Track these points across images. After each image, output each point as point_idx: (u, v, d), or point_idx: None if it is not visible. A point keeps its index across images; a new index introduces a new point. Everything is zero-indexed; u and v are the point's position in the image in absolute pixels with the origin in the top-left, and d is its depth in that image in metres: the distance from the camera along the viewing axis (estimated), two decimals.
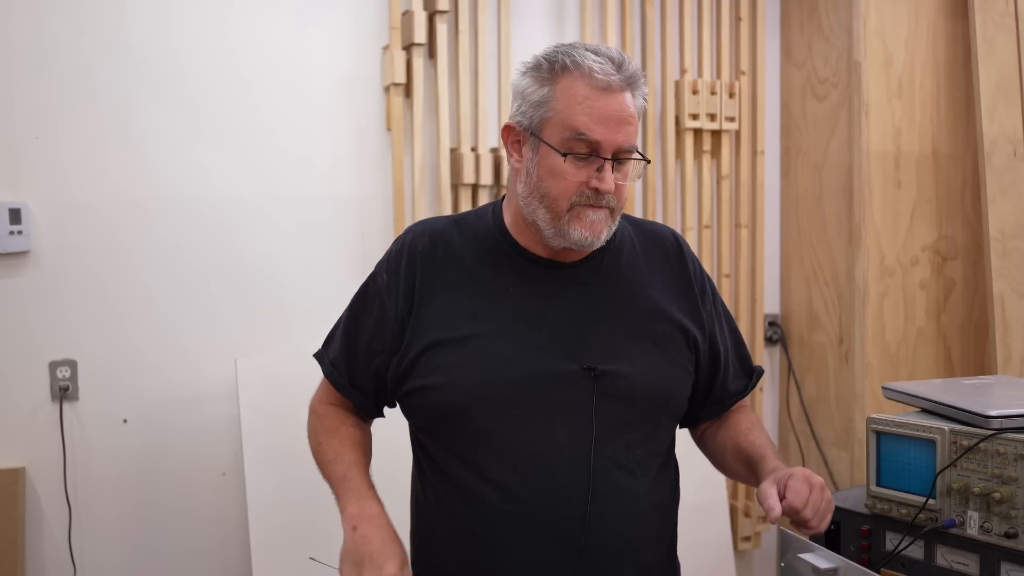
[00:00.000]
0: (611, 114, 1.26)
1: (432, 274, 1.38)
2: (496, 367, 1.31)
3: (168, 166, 2.37)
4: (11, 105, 2.24)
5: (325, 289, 2.52)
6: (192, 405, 2.41)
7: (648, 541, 1.38)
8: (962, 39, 2.81)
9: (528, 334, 1.33)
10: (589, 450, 1.30)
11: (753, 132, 2.99)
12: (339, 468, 1.39)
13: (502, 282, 1.37)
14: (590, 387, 1.32)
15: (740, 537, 2.95)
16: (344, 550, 1.28)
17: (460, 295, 1.36)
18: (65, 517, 2.30)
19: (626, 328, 1.37)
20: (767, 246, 3.07)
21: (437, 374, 1.33)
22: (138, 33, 2.34)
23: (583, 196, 1.29)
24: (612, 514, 1.31)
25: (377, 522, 1.29)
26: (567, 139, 1.27)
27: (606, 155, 1.27)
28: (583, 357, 1.33)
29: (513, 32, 2.66)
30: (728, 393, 1.51)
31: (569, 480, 1.29)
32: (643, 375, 1.35)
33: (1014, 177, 2.67)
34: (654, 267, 1.44)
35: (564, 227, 1.30)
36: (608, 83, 1.26)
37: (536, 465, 1.29)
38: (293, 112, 2.48)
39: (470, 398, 1.31)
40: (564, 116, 1.27)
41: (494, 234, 1.40)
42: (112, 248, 2.33)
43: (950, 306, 2.86)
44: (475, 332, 1.33)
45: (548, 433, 1.30)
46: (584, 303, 1.37)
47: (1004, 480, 1.42)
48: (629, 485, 1.34)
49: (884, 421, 1.60)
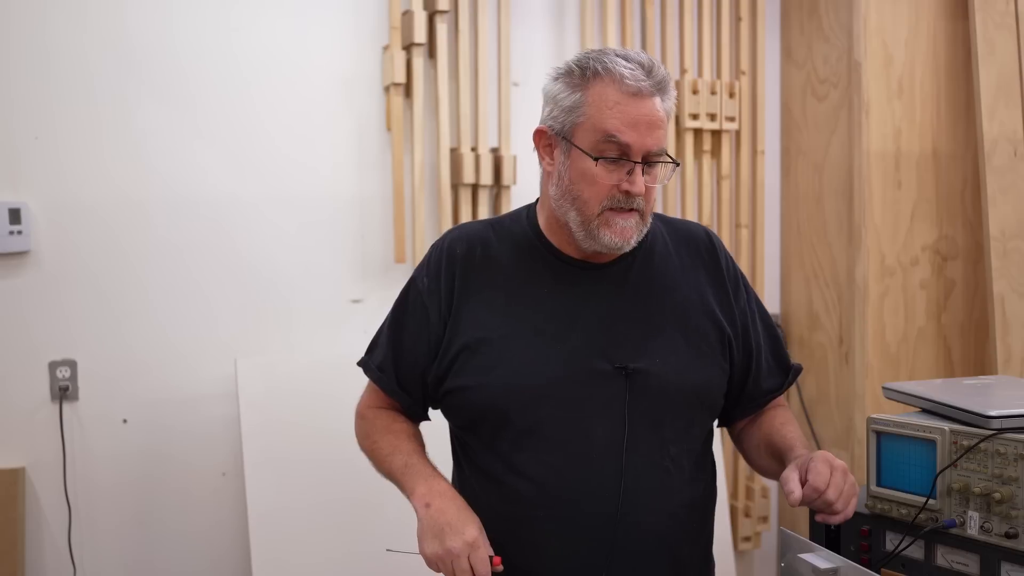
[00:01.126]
0: (641, 118, 1.29)
1: (470, 276, 1.42)
2: (531, 367, 1.35)
3: (168, 166, 2.37)
4: (11, 105, 2.24)
5: (325, 289, 2.52)
6: (192, 405, 2.41)
7: (682, 539, 1.41)
8: (962, 39, 2.81)
9: (562, 334, 1.37)
10: (622, 448, 1.33)
11: (753, 132, 2.99)
12: (399, 459, 1.41)
13: (537, 283, 1.40)
14: (623, 385, 1.35)
15: (740, 537, 2.94)
16: (421, 528, 1.31)
17: (496, 296, 1.40)
18: (65, 517, 2.30)
19: (658, 326, 1.40)
20: (767, 246, 3.06)
21: (474, 374, 1.38)
22: (138, 33, 2.34)
23: (614, 199, 1.32)
24: (645, 511, 1.34)
25: (448, 495, 1.33)
26: (598, 143, 1.30)
27: (636, 158, 1.30)
28: (615, 356, 1.35)
29: (513, 32, 2.66)
30: (761, 391, 1.52)
31: (602, 477, 1.33)
32: (675, 372, 1.38)
33: (1014, 177, 2.67)
34: (687, 265, 1.46)
35: (595, 231, 1.33)
36: (638, 88, 1.29)
37: (570, 462, 1.33)
38: (293, 112, 2.48)
39: (506, 398, 1.35)
40: (596, 120, 1.30)
41: (529, 236, 1.44)
42: (112, 248, 2.33)
43: (950, 306, 2.86)
44: (510, 332, 1.37)
45: (582, 431, 1.34)
46: (616, 302, 1.40)
47: (1004, 480, 1.42)
48: (663, 482, 1.36)
49: (884, 421, 1.60)
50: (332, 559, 2.26)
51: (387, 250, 2.57)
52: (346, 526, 2.27)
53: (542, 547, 1.35)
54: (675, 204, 2.87)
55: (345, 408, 1.83)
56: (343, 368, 1.54)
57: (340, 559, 2.26)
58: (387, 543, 2.20)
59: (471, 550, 1.25)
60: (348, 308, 2.55)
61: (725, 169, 2.94)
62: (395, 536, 2.01)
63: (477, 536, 1.27)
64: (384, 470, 1.45)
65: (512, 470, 1.36)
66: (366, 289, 2.56)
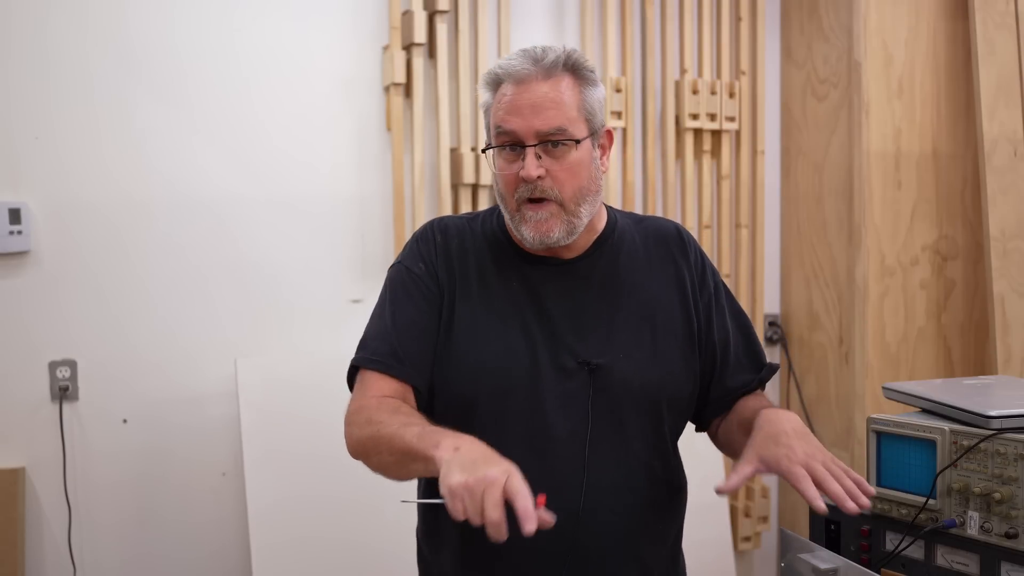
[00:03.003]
0: (524, 103, 1.30)
1: (454, 267, 1.42)
2: (498, 359, 1.34)
3: (168, 166, 2.37)
4: (11, 105, 2.24)
5: (325, 289, 2.52)
6: (192, 405, 2.41)
7: (646, 538, 1.39)
8: (962, 39, 2.81)
9: (528, 328, 1.36)
10: (584, 443, 1.32)
11: (753, 132, 2.99)
12: (412, 429, 1.23)
13: (507, 277, 1.40)
14: (587, 381, 1.34)
15: (740, 537, 2.95)
16: (446, 468, 1.11)
17: (468, 290, 1.40)
18: (65, 517, 2.30)
19: (623, 322, 1.39)
20: (767, 246, 3.06)
21: (446, 366, 1.36)
22: (138, 33, 2.34)
23: (520, 189, 1.32)
24: (606, 508, 1.33)
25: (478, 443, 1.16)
26: (494, 137, 1.34)
27: (529, 142, 1.30)
28: (580, 351, 1.35)
29: (513, 32, 2.66)
30: (727, 388, 1.48)
31: (565, 473, 1.31)
32: (639, 369, 1.37)
33: (1014, 177, 2.67)
34: (655, 261, 1.45)
35: (519, 227, 1.35)
36: (521, 76, 1.30)
37: (532, 457, 1.28)
38: (293, 112, 2.48)
39: (474, 387, 1.34)
40: (493, 118, 1.34)
41: (496, 233, 1.44)
42: (112, 248, 2.33)
43: (950, 306, 2.86)
44: (480, 324, 1.37)
45: (545, 427, 1.32)
46: (582, 298, 1.39)
47: (1004, 480, 1.42)
48: (625, 480, 1.35)
49: (884, 421, 1.60)
50: (332, 558, 2.26)
51: (387, 250, 2.57)
52: (346, 525, 2.27)
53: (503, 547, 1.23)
54: (675, 204, 2.87)
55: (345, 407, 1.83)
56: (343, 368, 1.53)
57: (340, 558, 2.26)
58: (387, 543, 2.21)
59: (508, 476, 1.07)
60: (348, 308, 2.55)
61: (725, 169, 2.94)
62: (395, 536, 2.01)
63: (513, 468, 1.10)
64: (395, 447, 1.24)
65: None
66: (366, 289, 2.56)
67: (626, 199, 2.78)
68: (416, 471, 1.25)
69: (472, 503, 1.06)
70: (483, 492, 1.06)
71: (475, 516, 1.06)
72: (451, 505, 1.08)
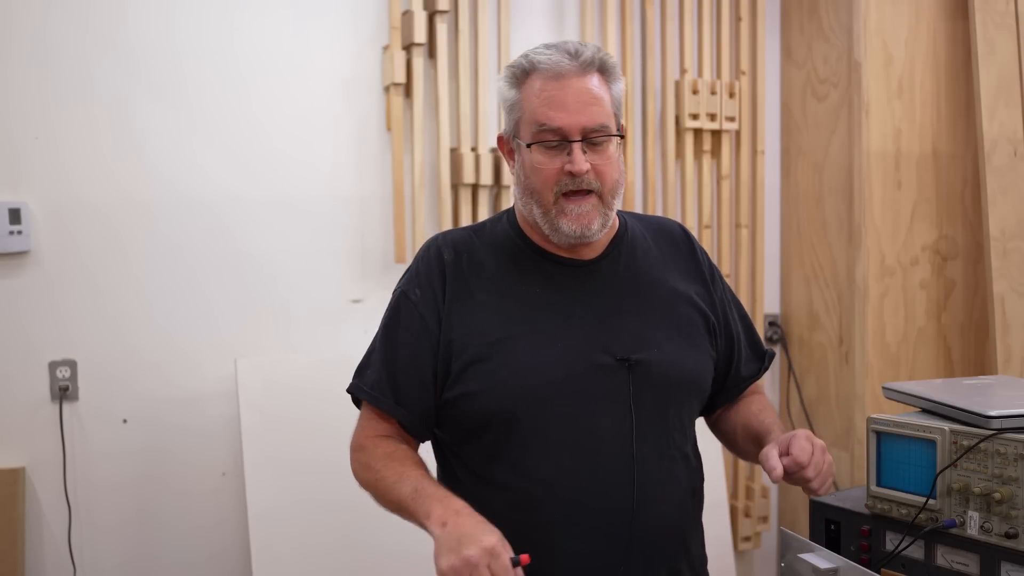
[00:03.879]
0: (568, 98, 1.31)
1: (460, 283, 1.40)
2: (533, 368, 1.34)
3: (167, 166, 2.37)
4: (11, 105, 2.24)
5: (325, 289, 2.52)
6: (192, 405, 2.40)
7: (691, 525, 1.45)
8: (962, 39, 2.81)
9: (559, 332, 1.36)
10: (631, 440, 1.34)
11: (753, 132, 2.99)
12: (407, 485, 1.31)
13: (527, 284, 1.40)
14: (626, 377, 1.35)
15: (740, 537, 2.95)
16: (437, 547, 1.19)
17: (488, 300, 1.39)
18: (65, 517, 2.30)
19: (652, 317, 1.41)
20: (767, 246, 3.07)
21: (475, 381, 1.35)
22: (138, 33, 2.34)
23: (562, 184, 1.32)
24: (657, 500, 1.35)
25: (466, 512, 1.24)
26: (535, 133, 1.33)
27: (574, 137, 1.31)
28: (616, 349, 1.36)
29: (513, 32, 2.66)
30: (742, 377, 1.55)
31: (614, 471, 1.33)
32: (673, 361, 1.39)
33: (1014, 177, 2.67)
34: (667, 257, 1.49)
35: (555, 221, 1.34)
36: (560, 71, 1.31)
37: (581, 459, 1.32)
38: (293, 112, 2.48)
39: (511, 401, 1.33)
40: (529, 112, 1.34)
41: (512, 238, 1.44)
42: (112, 248, 2.33)
43: (950, 306, 2.86)
44: (508, 335, 1.36)
45: (590, 427, 1.33)
46: (608, 296, 1.41)
47: (1004, 480, 1.42)
48: (671, 471, 1.39)
49: (884, 421, 1.60)
50: (332, 559, 2.26)
51: (387, 250, 2.57)
52: (346, 526, 2.27)
53: (557, 549, 1.32)
54: (675, 204, 2.87)
55: (345, 408, 1.83)
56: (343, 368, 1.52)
57: (340, 559, 2.26)
58: (387, 543, 2.20)
59: (490, 557, 1.14)
60: (348, 308, 2.55)
61: (725, 169, 2.94)
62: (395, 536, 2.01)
63: (496, 543, 1.16)
64: (391, 500, 1.34)
65: (520, 474, 1.33)
66: (366, 289, 2.56)
67: (626, 199, 2.78)
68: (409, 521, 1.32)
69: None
70: (470, 574, 1.13)
71: None
72: None
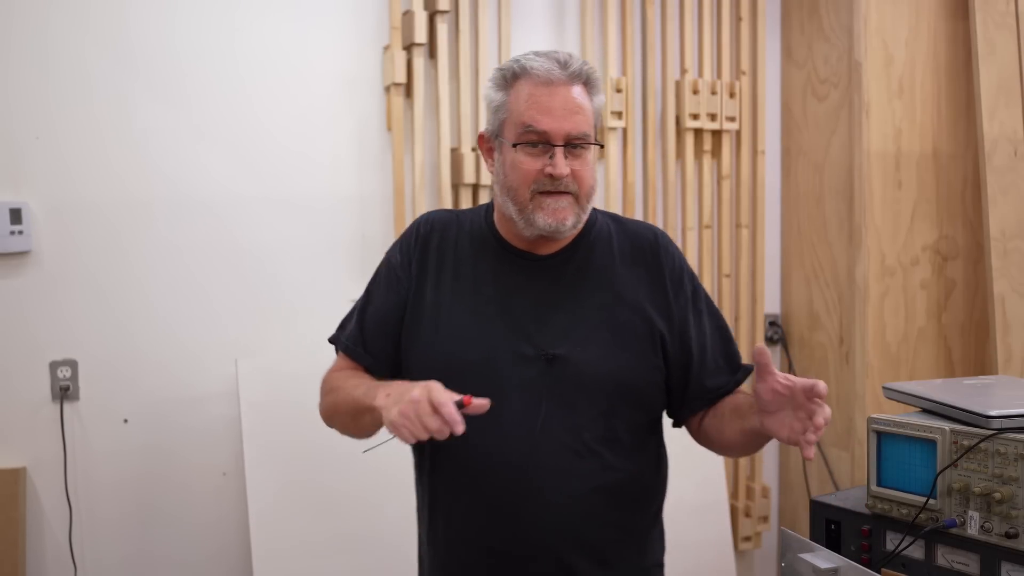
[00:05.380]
0: (555, 105, 1.39)
1: (429, 259, 1.52)
2: (465, 344, 1.45)
3: (168, 166, 2.37)
4: (12, 105, 2.24)
5: (326, 289, 2.52)
6: (193, 405, 2.41)
7: (597, 524, 1.45)
8: (962, 39, 2.81)
9: (496, 317, 1.46)
10: (536, 427, 1.42)
11: (753, 132, 2.99)
12: (361, 388, 1.42)
13: (483, 269, 1.50)
14: (544, 369, 1.43)
15: (740, 537, 2.95)
16: (385, 411, 1.28)
17: (444, 276, 1.50)
18: (66, 517, 2.31)
19: (584, 317, 1.47)
20: (767, 246, 3.07)
21: (420, 349, 1.48)
22: (139, 33, 2.34)
23: (540, 183, 1.40)
24: (552, 489, 1.42)
25: (406, 382, 1.34)
26: (520, 134, 1.41)
27: (556, 142, 1.40)
28: (540, 341, 1.44)
29: (513, 32, 2.66)
30: (706, 388, 1.53)
31: (517, 453, 1.41)
32: (594, 362, 1.44)
33: (1014, 177, 2.67)
34: (628, 263, 1.52)
35: (530, 215, 1.42)
36: (550, 79, 1.40)
37: (490, 437, 1.41)
38: (293, 112, 2.49)
39: (441, 370, 1.41)
40: (516, 114, 1.42)
41: (483, 228, 1.54)
42: (113, 248, 2.34)
43: (950, 306, 2.87)
44: (453, 311, 1.48)
45: (501, 409, 1.39)
46: (550, 292, 1.48)
47: (1004, 480, 1.42)
48: (573, 465, 1.43)
49: (884, 421, 1.60)
50: (332, 559, 2.27)
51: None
52: (346, 525, 2.27)
53: (461, 519, 1.46)
54: (675, 204, 2.87)
55: None
56: None
57: (340, 558, 2.27)
58: (388, 543, 2.21)
59: (429, 391, 1.24)
60: (349, 307, 2.54)
61: (725, 169, 2.94)
62: (396, 536, 2.02)
63: (434, 383, 1.26)
64: (349, 406, 1.44)
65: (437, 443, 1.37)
66: None
67: (626, 199, 2.78)
68: (367, 424, 1.42)
69: (412, 424, 1.23)
70: (415, 413, 1.23)
71: (420, 433, 1.23)
72: (398, 435, 1.26)
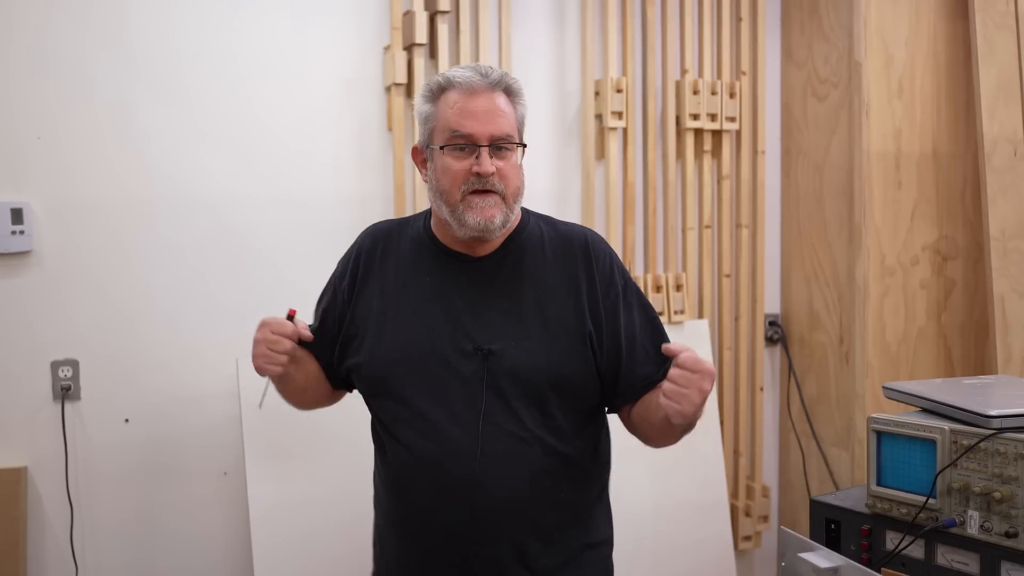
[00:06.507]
0: (478, 110, 1.51)
1: (370, 267, 1.65)
2: (406, 345, 1.56)
3: (170, 166, 2.38)
4: (13, 105, 2.24)
5: None
6: (194, 404, 2.41)
7: (543, 503, 1.55)
8: (962, 39, 2.81)
9: (434, 317, 1.56)
10: (479, 418, 1.51)
11: (754, 132, 2.99)
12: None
13: (422, 272, 1.61)
14: (482, 364, 1.53)
15: (740, 537, 2.95)
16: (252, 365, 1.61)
17: (387, 284, 1.62)
18: (67, 517, 2.31)
19: (519, 314, 1.56)
20: (768, 246, 3.07)
21: (363, 352, 1.60)
22: (139, 34, 2.34)
23: (469, 183, 1.51)
24: (498, 474, 1.51)
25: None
26: (448, 138, 1.53)
27: (482, 143, 1.51)
28: (478, 337, 1.54)
29: (514, 32, 2.66)
30: (637, 377, 1.61)
31: (462, 443, 1.51)
32: (527, 356, 1.54)
33: (1014, 177, 2.67)
34: (558, 264, 1.61)
35: (461, 215, 1.51)
36: (472, 87, 1.52)
37: (435, 429, 1.52)
38: (294, 112, 2.49)
39: (386, 372, 1.57)
40: (443, 122, 1.54)
41: (421, 233, 1.65)
42: (114, 248, 2.34)
43: (950, 306, 2.87)
44: (395, 314, 1.59)
45: (446, 402, 1.53)
46: (485, 291, 1.58)
47: (1004, 480, 1.42)
48: (516, 450, 1.52)
49: (884, 421, 1.60)
50: (332, 558, 2.27)
51: None
52: (346, 524, 2.27)
53: (417, 505, 1.55)
54: (675, 204, 2.87)
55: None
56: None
57: (341, 557, 2.27)
58: None
59: (263, 328, 1.57)
60: None
61: (725, 169, 2.94)
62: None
63: (263, 319, 1.59)
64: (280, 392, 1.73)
65: (392, 436, 1.58)
66: None
67: (626, 199, 2.78)
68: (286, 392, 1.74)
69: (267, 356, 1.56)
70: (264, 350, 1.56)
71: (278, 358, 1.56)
72: (267, 372, 1.59)
